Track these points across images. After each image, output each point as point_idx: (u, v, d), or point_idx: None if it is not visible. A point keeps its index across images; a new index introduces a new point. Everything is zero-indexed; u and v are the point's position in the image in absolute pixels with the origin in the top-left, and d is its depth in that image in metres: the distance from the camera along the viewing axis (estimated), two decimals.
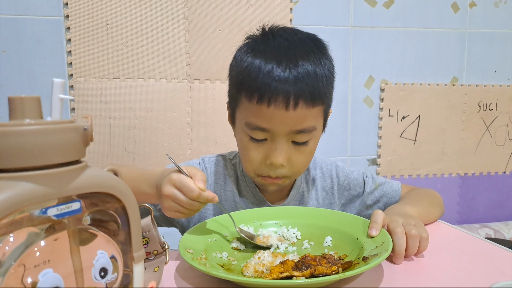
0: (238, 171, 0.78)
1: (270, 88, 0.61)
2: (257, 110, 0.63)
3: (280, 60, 0.62)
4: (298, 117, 0.62)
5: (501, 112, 1.56)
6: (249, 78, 0.63)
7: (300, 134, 0.64)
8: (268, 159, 0.65)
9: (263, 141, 0.65)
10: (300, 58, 0.63)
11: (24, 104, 0.30)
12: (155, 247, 0.48)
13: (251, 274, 0.48)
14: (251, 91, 0.62)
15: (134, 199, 0.34)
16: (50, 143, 0.29)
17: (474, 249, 0.60)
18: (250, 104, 0.63)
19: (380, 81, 1.45)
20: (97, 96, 1.24)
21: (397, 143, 1.49)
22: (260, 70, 0.62)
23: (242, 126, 0.67)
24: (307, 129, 0.64)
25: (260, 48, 0.65)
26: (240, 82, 0.66)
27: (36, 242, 0.28)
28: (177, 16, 1.26)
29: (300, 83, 0.61)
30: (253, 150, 0.66)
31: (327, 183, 0.80)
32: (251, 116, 0.64)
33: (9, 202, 0.26)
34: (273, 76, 0.61)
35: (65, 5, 1.19)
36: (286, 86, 0.61)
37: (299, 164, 0.67)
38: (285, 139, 0.64)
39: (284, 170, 0.66)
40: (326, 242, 0.59)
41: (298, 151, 0.66)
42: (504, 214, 1.63)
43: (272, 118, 0.62)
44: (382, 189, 0.80)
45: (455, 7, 1.46)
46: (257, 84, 0.62)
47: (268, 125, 0.63)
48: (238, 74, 0.66)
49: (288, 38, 0.66)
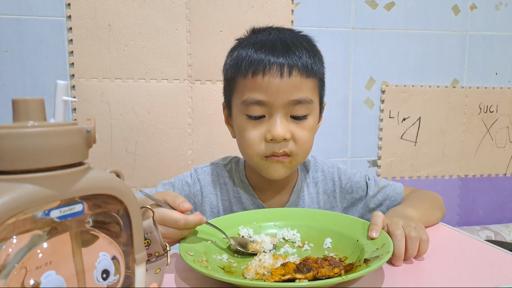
0: (234, 177, 0.77)
1: (264, 61, 0.64)
2: (252, 83, 0.64)
3: (271, 43, 0.66)
4: (294, 85, 0.63)
5: (501, 115, 1.56)
6: (243, 59, 0.66)
7: (298, 105, 0.64)
8: (269, 134, 0.64)
9: (261, 118, 0.65)
10: (290, 40, 0.67)
11: (28, 106, 0.30)
12: (156, 249, 0.48)
13: (252, 276, 0.48)
14: (246, 68, 0.65)
15: (136, 201, 0.34)
16: (53, 145, 0.29)
17: (474, 251, 0.60)
18: (245, 80, 0.65)
19: (381, 83, 1.45)
20: (98, 97, 1.24)
21: (398, 144, 1.49)
22: (252, 52, 0.65)
23: (238, 109, 0.67)
24: (304, 99, 0.64)
25: (249, 41, 0.69)
26: (233, 68, 0.68)
27: (38, 244, 0.28)
28: (178, 17, 1.26)
29: (293, 56, 0.64)
30: (252, 129, 0.65)
31: (328, 186, 0.79)
32: (247, 91, 0.65)
33: (12, 204, 0.26)
34: (266, 52, 0.64)
35: (68, 6, 1.19)
36: (279, 58, 0.64)
37: (302, 139, 0.66)
38: (283, 113, 0.64)
39: (290, 146, 0.65)
40: (326, 244, 0.59)
41: (298, 126, 0.66)
42: (505, 216, 1.63)
43: (268, 88, 0.63)
44: (385, 192, 0.79)
45: (456, 9, 1.47)
46: (251, 60, 0.65)
47: (265, 96, 0.63)
48: (230, 64, 0.69)
49: (277, 32, 0.69)
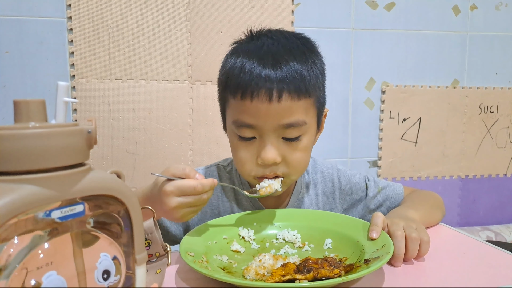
0: (234, 179, 0.76)
1: (251, 84, 0.60)
2: (241, 106, 0.62)
3: (262, 57, 0.62)
4: (284, 110, 0.61)
5: (502, 115, 1.56)
6: (232, 76, 0.63)
7: (289, 129, 0.62)
8: (259, 158, 0.62)
9: (252, 139, 0.64)
10: (284, 53, 0.63)
11: (29, 107, 0.30)
12: (157, 249, 0.48)
13: (252, 277, 0.48)
14: (235, 89, 0.63)
15: (137, 201, 0.35)
16: (54, 146, 0.29)
17: (475, 252, 0.60)
18: (235, 102, 0.63)
19: (381, 83, 1.45)
20: (99, 97, 1.24)
21: (398, 145, 1.49)
22: (242, 68, 0.62)
23: (230, 126, 0.66)
24: (296, 123, 0.62)
25: (244, 48, 0.66)
26: (225, 82, 0.66)
27: (39, 245, 0.28)
28: (179, 17, 1.26)
29: (283, 77, 0.61)
30: (243, 150, 0.64)
31: (328, 188, 0.79)
32: (237, 113, 0.63)
33: (14, 205, 0.26)
34: (255, 72, 0.61)
35: (68, 7, 1.19)
36: (269, 80, 0.60)
37: (295, 162, 0.64)
38: (274, 136, 0.62)
39: (280, 168, 0.64)
40: (326, 244, 0.59)
41: (290, 148, 0.63)
42: (505, 216, 1.63)
43: (257, 113, 0.61)
44: (385, 192, 0.78)
45: (456, 9, 1.47)
46: (239, 81, 0.62)
47: (254, 121, 0.61)
48: (223, 75, 0.67)
49: (273, 37, 0.66)
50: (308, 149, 0.67)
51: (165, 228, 0.72)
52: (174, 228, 0.73)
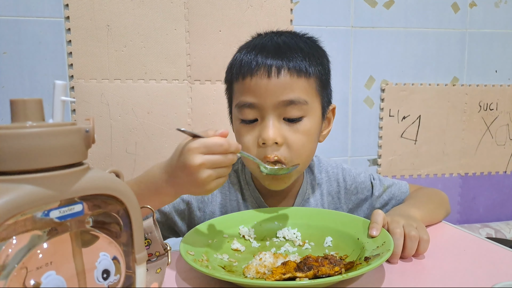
0: (241, 178, 0.76)
1: (251, 63, 0.64)
2: (242, 86, 0.65)
3: (259, 47, 0.66)
4: (283, 85, 0.62)
5: (501, 112, 1.56)
6: (236, 64, 0.67)
7: (289, 106, 0.62)
8: (260, 138, 0.62)
9: (254, 122, 0.64)
10: (282, 44, 0.66)
11: (27, 106, 0.30)
12: (157, 249, 0.48)
13: (253, 275, 0.48)
14: (237, 73, 0.66)
15: (136, 201, 0.34)
16: (52, 145, 0.29)
17: (475, 249, 0.60)
18: (237, 84, 0.66)
19: (381, 81, 1.45)
20: (97, 97, 1.24)
21: (398, 143, 1.49)
22: (245, 55, 0.66)
23: (235, 113, 0.67)
24: (296, 100, 0.62)
25: (250, 44, 0.69)
26: (230, 73, 0.69)
27: (38, 245, 0.28)
28: (177, 17, 1.26)
29: (283, 56, 0.63)
30: (246, 134, 0.65)
31: (333, 188, 0.78)
32: (239, 95, 0.65)
33: (12, 205, 0.26)
34: (254, 54, 0.64)
35: (66, 7, 1.19)
36: (268, 59, 0.63)
37: (296, 144, 0.63)
38: (275, 115, 0.63)
39: (282, 151, 0.62)
40: (327, 242, 0.59)
41: (292, 129, 0.63)
42: (505, 213, 1.63)
43: (257, 90, 0.62)
44: (391, 191, 0.78)
45: (456, 7, 1.46)
46: (242, 63, 0.65)
47: (255, 99, 0.63)
48: (228, 69, 0.70)
49: (274, 36, 0.69)
50: (311, 134, 0.65)
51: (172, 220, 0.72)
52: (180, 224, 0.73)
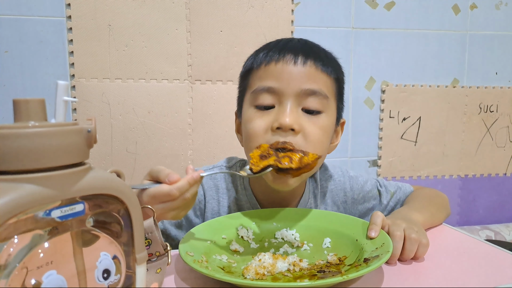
0: (238, 182, 0.73)
1: (279, 50, 0.63)
2: (264, 72, 0.63)
3: (291, 40, 0.67)
4: (308, 74, 0.61)
5: (501, 114, 1.56)
6: (258, 55, 0.66)
7: (311, 97, 0.60)
8: (276, 122, 0.59)
9: (269, 109, 0.61)
10: (308, 42, 0.67)
11: (29, 106, 0.30)
12: (157, 249, 0.48)
13: (252, 276, 0.48)
14: (260, 60, 0.64)
15: (137, 201, 0.35)
16: (54, 145, 0.29)
17: (474, 251, 0.60)
18: (258, 71, 0.64)
19: (381, 83, 1.45)
20: (98, 97, 1.24)
21: (398, 144, 1.49)
22: (273, 45, 0.66)
23: (248, 103, 0.65)
24: (318, 91, 0.60)
25: (268, 45, 0.68)
26: (248, 65, 0.68)
27: (39, 244, 0.28)
28: (178, 17, 1.26)
29: (309, 49, 0.64)
30: (258, 119, 0.61)
31: (339, 197, 0.75)
32: (258, 81, 0.63)
33: (13, 204, 0.26)
34: (284, 45, 0.64)
35: (68, 6, 1.19)
36: (296, 49, 0.63)
37: (313, 136, 0.60)
38: (295, 103, 0.60)
39: (298, 139, 0.59)
40: (325, 243, 0.59)
41: (310, 121, 0.61)
42: (505, 216, 1.63)
43: (281, 75, 0.61)
44: (396, 197, 0.77)
45: (456, 9, 1.47)
46: (267, 52, 0.64)
47: (276, 83, 0.60)
48: (250, 57, 0.69)
49: (297, 39, 0.69)
50: (328, 133, 0.64)
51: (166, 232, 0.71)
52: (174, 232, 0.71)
